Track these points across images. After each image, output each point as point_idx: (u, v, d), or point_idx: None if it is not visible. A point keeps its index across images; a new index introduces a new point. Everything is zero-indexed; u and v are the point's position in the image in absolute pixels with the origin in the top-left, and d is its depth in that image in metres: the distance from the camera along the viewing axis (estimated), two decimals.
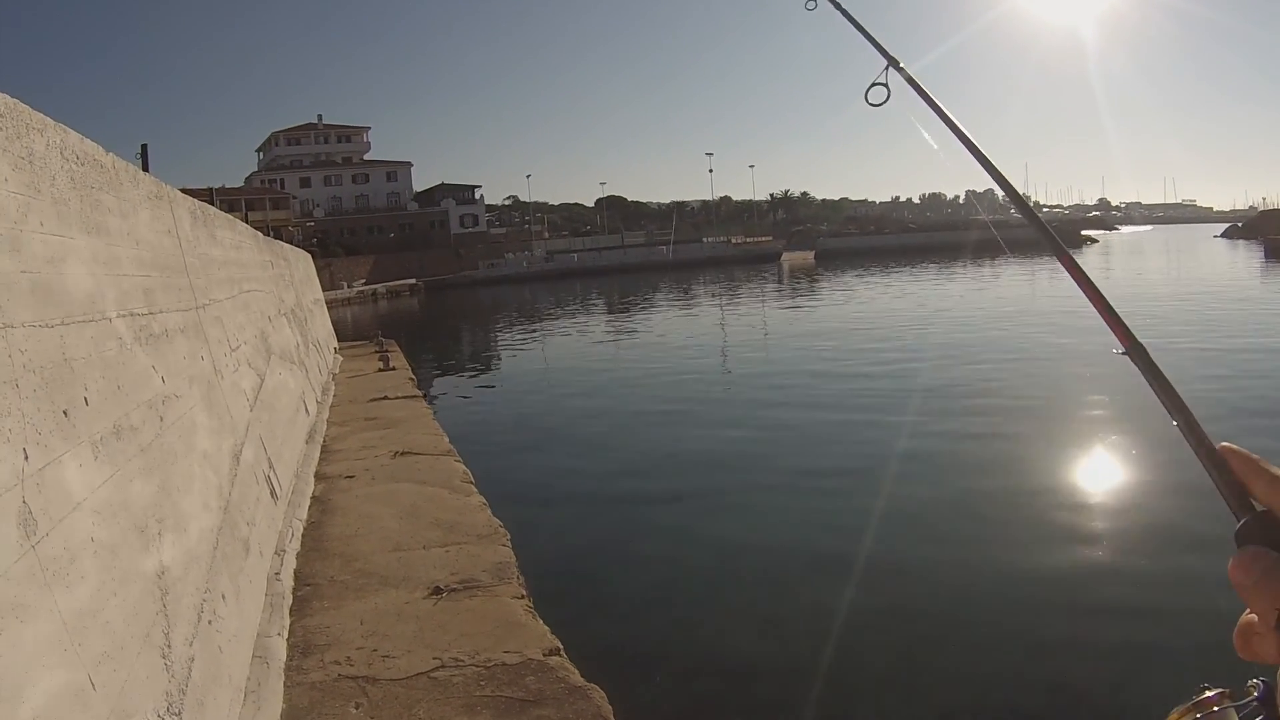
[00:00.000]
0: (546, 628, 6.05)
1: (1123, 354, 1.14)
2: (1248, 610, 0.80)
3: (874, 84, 2.41)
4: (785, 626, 8.45)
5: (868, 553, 9.65)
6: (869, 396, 19.50)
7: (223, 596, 4.68)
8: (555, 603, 7.38)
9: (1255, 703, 0.85)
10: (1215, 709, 0.88)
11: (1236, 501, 0.86)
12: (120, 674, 3.10)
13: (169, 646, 3.61)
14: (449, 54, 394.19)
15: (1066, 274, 1.38)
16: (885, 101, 2.41)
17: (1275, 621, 0.75)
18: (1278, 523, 0.82)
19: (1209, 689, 0.90)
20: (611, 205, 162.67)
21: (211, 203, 11.03)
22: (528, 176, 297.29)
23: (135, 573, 3.57)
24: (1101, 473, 12.68)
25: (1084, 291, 1.27)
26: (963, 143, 1.80)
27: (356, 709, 4.93)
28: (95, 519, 3.34)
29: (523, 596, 6.64)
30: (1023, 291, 46.62)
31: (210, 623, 4.28)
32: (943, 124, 1.87)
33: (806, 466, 13.94)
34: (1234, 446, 0.89)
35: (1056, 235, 1.50)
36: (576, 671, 5.38)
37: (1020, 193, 1.66)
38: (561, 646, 5.73)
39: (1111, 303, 1.22)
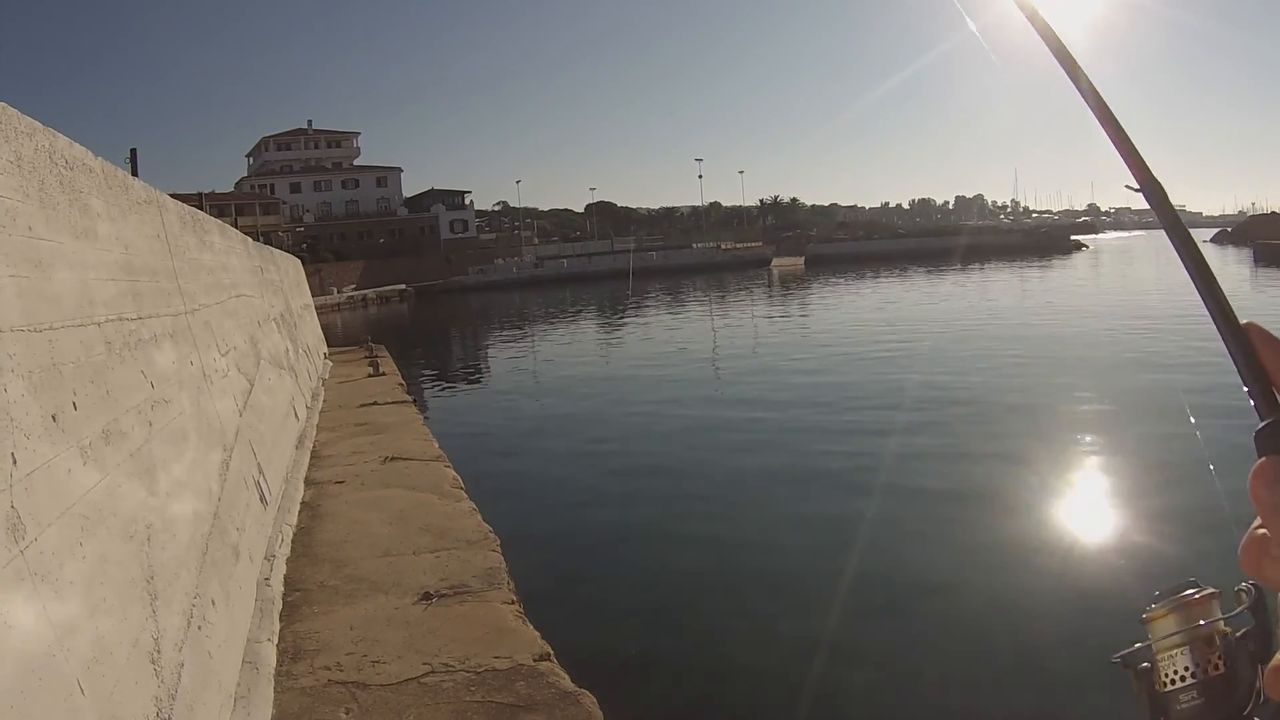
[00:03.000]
0: (537, 633, 6.04)
1: (1136, 190, 0.94)
2: (1258, 523, 0.69)
3: None
4: (776, 631, 8.45)
5: (859, 556, 9.65)
6: (860, 401, 19.51)
7: (212, 602, 4.67)
8: (545, 608, 7.37)
9: (1245, 610, 0.79)
10: (1201, 615, 0.82)
11: (1262, 395, 0.73)
12: (109, 680, 3.09)
13: (158, 652, 3.60)
14: (439, 59, 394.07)
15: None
16: None
17: None
18: None
19: (1196, 588, 0.84)
20: (601, 211, 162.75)
21: (201, 208, 11.02)
22: (518, 182, 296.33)
23: (124, 578, 3.56)
24: (1095, 477, 12.73)
25: (1109, 134, 0.98)
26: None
27: (346, 714, 4.92)
28: (84, 524, 3.33)
29: (513, 602, 6.64)
30: (1011, 297, 46.80)
31: (200, 628, 4.27)
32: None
33: (798, 471, 13.95)
34: (1262, 327, 0.77)
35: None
36: (567, 677, 5.37)
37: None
38: (552, 652, 5.72)
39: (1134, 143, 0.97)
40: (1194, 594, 0.82)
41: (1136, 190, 0.91)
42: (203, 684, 4.04)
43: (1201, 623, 0.81)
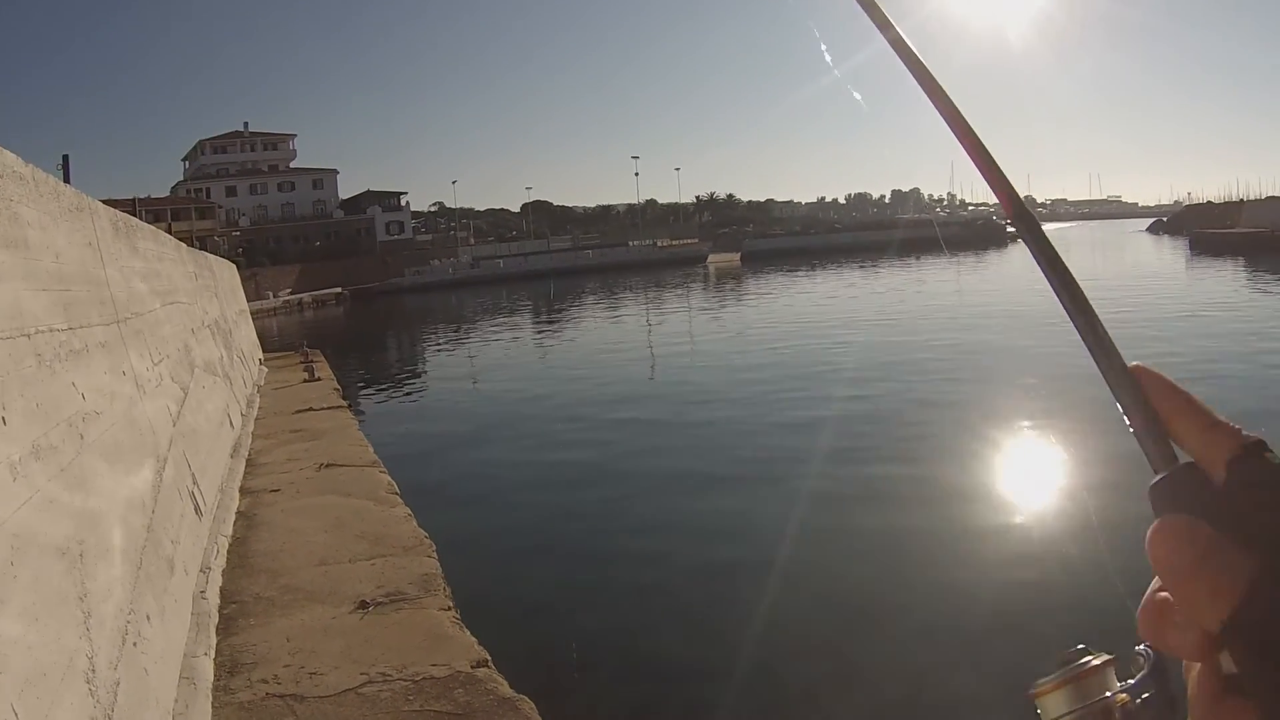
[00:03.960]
0: (474, 639, 6.05)
1: (1006, 221, 0.89)
2: (1156, 585, 0.63)
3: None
4: (713, 628, 8.54)
5: (792, 551, 9.77)
6: (795, 396, 19.72)
7: (147, 617, 4.63)
8: (482, 614, 7.38)
9: (1145, 676, 0.70)
10: (1096, 687, 0.71)
11: (1155, 447, 0.65)
12: (44, 701, 3.07)
13: (93, 671, 3.57)
14: (375, 60, 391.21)
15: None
16: None
17: (1219, 625, 0.56)
18: (1210, 483, 0.61)
19: (1090, 655, 0.73)
20: (538, 210, 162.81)
21: (135, 213, 10.87)
22: (454, 183, 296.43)
23: (57, 596, 3.53)
24: (1026, 461, 13.01)
25: (974, 162, 0.92)
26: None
27: None
28: (15, 542, 3.30)
29: (449, 608, 6.64)
30: (948, 287, 47.37)
31: (135, 644, 4.24)
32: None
33: (731, 467, 14.09)
34: (1153, 370, 0.68)
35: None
36: (505, 683, 5.39)
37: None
38: (489, 658, 5.74)
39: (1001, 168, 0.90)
40: (1087, 663, 0.73)
41: (1006, 221, 0.87)
42: (139, 702, 4.01)
43: (1097, 696, 0.72)
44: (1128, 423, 0.67)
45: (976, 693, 7.00)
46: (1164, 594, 0.62)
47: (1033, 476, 12.73)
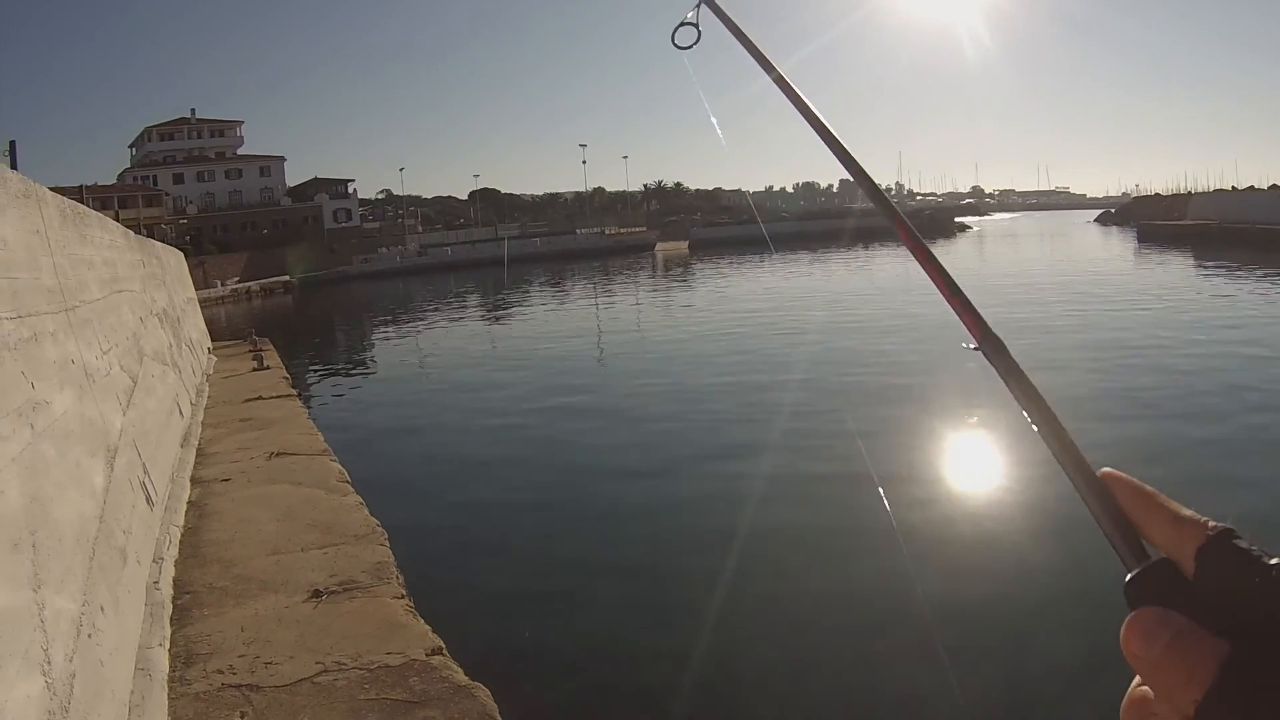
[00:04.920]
0: (428, 627, 6.07)
1: (974, 349, 0.90)
2: (1138, 682, 0.64)
3: (683, 23, 2.24)
4: (666, 615, 8.61)
5: (745, 538, 9.87)
6: (744, 383, 19.85)
7: (101, 608, 4.61)
8: (435, 601, 7.40)
9: None
10: None
11: (1126, 546, 0.68)
12: (0, 694, 3.05)
13: (49, 663, 3.55)
14: (321, 45, 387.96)
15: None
16: (695, 43, 2.26)
17: (1194, 710, 0.57)
18: (1182, 576, 0.64)
19: None
20: (485, 198, 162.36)
21: (82, 201, 10.74)
22: (401, 170, 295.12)
23: (10, 588, 3.51)
24: (978, 458, 13.16)
25: (930, 276, 1.04)
26: (790, 99, 1.40)
27: (242, 718, 4.90)
28: None
29: (403, 596, 6.65)
30: (891, 276, 47.72)
31: (90, 636, 4.22)
32: (764, 73, 1.50)
33: (682, 454, 14.18)
34: (1120, 474, 0.71)
35: (895, 207, 1.28)
36: (460, 670, 5.42)
37: (856, 160, 1.35)
38: (444, 645, 5.76)
39: (961, 288, 0.99)
40: None
41: (975, 349, 0.91)
42: (95, 694, 4.00)
43: None
44: (1097, 524, 0.70)
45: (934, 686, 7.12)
46: (1143, 688, 0.64)
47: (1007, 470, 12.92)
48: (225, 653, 5.73)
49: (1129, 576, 0.65)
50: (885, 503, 10.59)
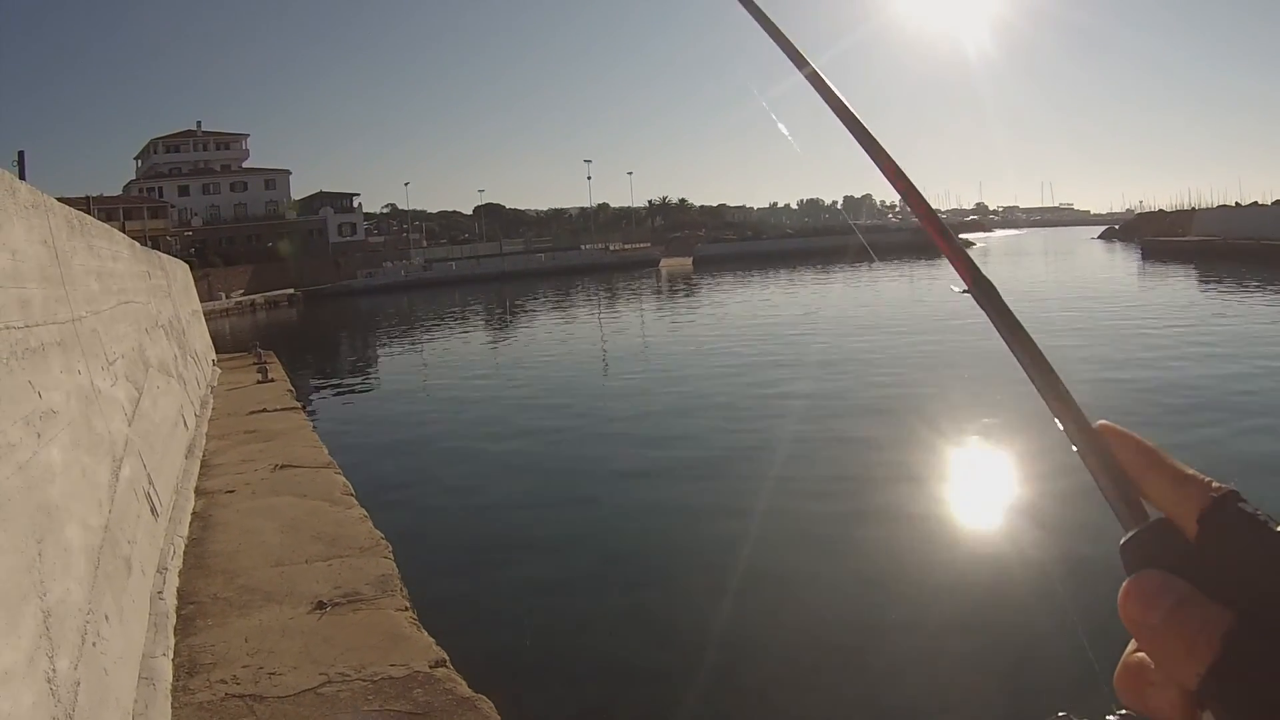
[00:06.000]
0: (431, 639, 6.07)
1: (964, 292, 0.85)
2: (1134, 647, 0.61)
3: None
4: (671, 628, 8.60)
5: (751, 552, 9.86)
6: (751, 397, 19.83)
7: (106, 618, 4.61)
8: (439, 614, 7.41)
9: None
10: None
11: (1124, 504, 0.64)
12: (5, 703, 3.06)
13: (54, 671, 3.56)
14: (328, 60, 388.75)
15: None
16: None
17: (1196, 683, 0.55)
18: (1183, 538, 0.61)
19: None
20: (490, 213, 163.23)
21: (88, 212, 10.77)
22: (406, 184, 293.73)
23: (18, 596, 3.52)
24: (990, 468, 13.17)
25: (926, 226, 0.99)
26: (823, 95, 1.21)
27: None
28: None
29: (406, 608, 6.65)
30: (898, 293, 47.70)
31: (95, 645, 4.23)
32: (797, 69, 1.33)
33: (687, 467, 14.15)
34: (1118, 427, 0.68)
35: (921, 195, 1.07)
36: (464, 682, 5.41)
37: (887, 152, 1.11)
38: (447, 657, 5.75)
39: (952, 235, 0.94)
40: None
41: (964, 291, 0.85)
42: (100, 702, 4.00)
43: None
44: (1095, 481, 0.67)
45: (937, 698, 7.11)
46: (1140, 655, 0.61)
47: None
48: (229, 663, 5.74)
49: (1126, 537, 0.63)
50: (895, 510, 10.59)
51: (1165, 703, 0.58)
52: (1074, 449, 0.69)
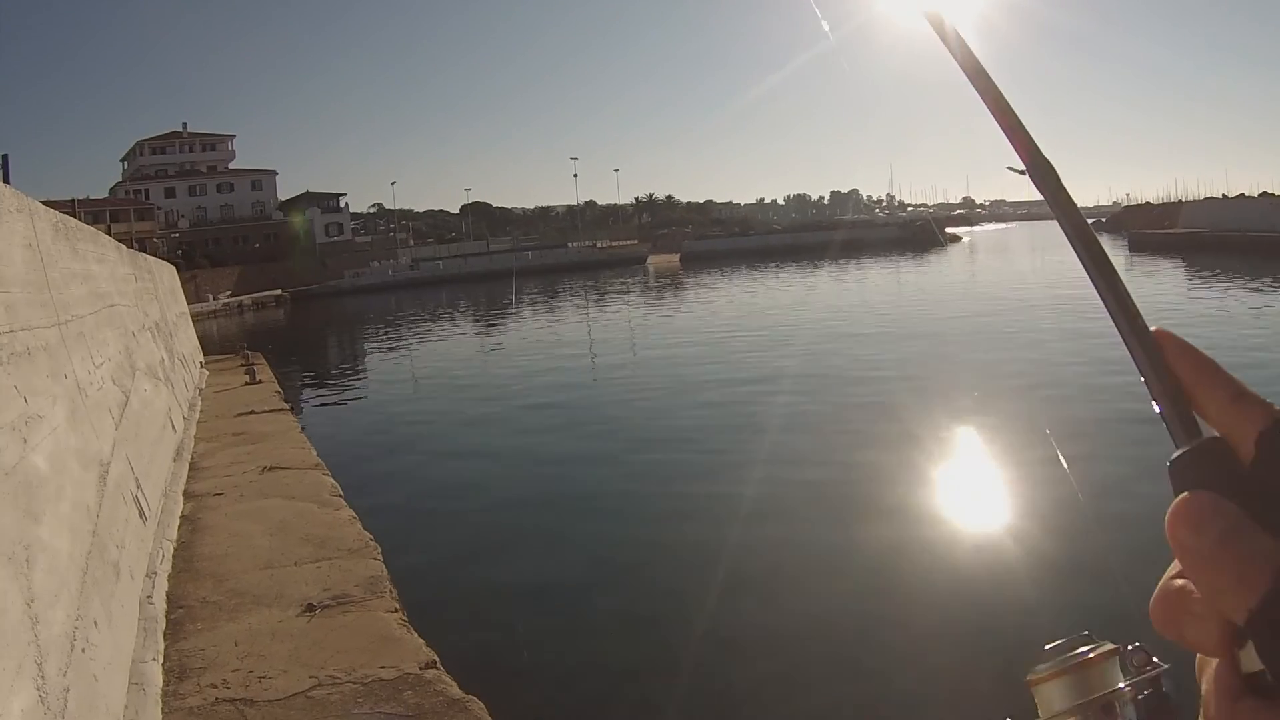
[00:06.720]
0: (422, 641, 6.06)
1: (1021, 172, 0.80)
2: (1174, 570, 0.57)
3: None
4: (662, 627, 8.60)
5: (738, 552, 9.84)
6: (736, 394, 19.84)
7: (95, 623, 4.60)
8: (429, 615, 7.40)
9: (1148, 671, 0.65)
10: (1098, 679, 0.65)
11: (1177, 418, 0.60)
12: None
13: (43, 678, 3.55)
14: (314, 60, 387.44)
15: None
16: None
17: (1245, 615, 0.50)
18: (1237, 460, 0.56)
19: (1090, 644, 0.67)
20: (477, 211, 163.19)
21: (74, 215, 10.72)
22: (392, 184, 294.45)
23: (4, 602, 3.51)
24: (972, 454, 13.19)
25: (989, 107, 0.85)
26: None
27: None
28: None
29: (396, 610, 6.64)
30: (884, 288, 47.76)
31: (84, 650, 4.22)
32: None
33: (677, 466, 14.15)
34: (1177, 335, 0.62)
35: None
36: (454, 684, 5.41)
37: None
38: (438, 659, 5.75)
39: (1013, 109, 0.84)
40: (1088, 652, 0.67)
41: (1021, 172, 0.80)
42: (89, 708, 3.99)
43: (1099, 690, 0.65)
44: (1148, 390, 0.62)
45: (950, 686, 7.13)
46: (1181, 581, 0.56)
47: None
48: (219, 667, 5.72)
49: (1176, 454, 0.58)
50: (888, 510, 10.61)
51: (1204, 635, 0.54)
52: (1128, 352, 0.64)
